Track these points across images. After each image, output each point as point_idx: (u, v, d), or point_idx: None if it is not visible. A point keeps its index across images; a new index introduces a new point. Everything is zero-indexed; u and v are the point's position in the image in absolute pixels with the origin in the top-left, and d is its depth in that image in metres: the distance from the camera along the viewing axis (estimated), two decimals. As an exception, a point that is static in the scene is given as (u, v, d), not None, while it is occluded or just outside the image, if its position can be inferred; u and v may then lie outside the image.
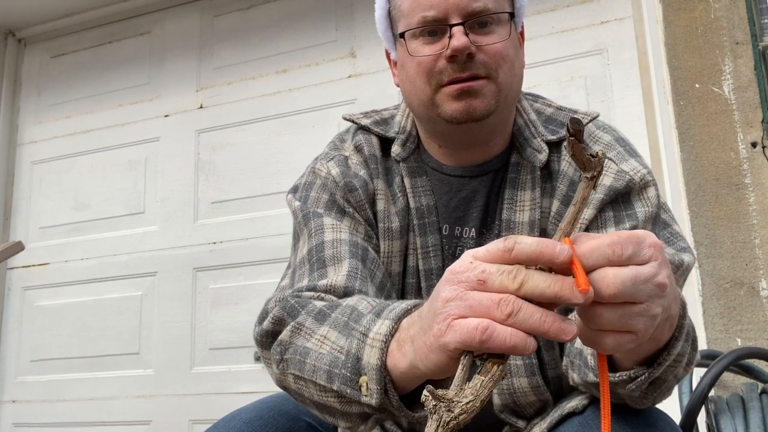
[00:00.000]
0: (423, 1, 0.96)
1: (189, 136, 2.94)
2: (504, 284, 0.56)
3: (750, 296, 2.01)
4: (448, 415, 0.56)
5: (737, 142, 2.10)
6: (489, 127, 0.99)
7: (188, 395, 2.71)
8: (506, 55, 0.96)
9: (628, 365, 0.75)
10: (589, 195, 0.62)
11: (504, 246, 0.57)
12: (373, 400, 0.70)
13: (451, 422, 0.56)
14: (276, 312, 0.87)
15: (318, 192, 1.03)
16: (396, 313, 0.72)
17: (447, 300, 0.59)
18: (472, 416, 0.56)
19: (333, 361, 0.75)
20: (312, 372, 0.77)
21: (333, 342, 0.77)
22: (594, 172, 0.61)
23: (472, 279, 0.57)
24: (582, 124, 0.58)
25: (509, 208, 1.00)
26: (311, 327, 0.81)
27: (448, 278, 0.59)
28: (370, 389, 0.70)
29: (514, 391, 0.99)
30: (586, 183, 0.61)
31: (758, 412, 1.60)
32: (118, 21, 3.17)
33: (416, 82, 0.98)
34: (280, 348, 0.84)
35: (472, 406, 0.56)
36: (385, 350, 0.69)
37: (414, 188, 1.03)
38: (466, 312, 0.57)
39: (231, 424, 0.94)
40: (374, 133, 1.07)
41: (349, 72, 2.75)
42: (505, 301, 0.56)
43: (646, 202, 0.95)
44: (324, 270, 0.92)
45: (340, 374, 0.73)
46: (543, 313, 0.56)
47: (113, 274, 2.92)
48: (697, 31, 2.21)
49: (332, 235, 0.97)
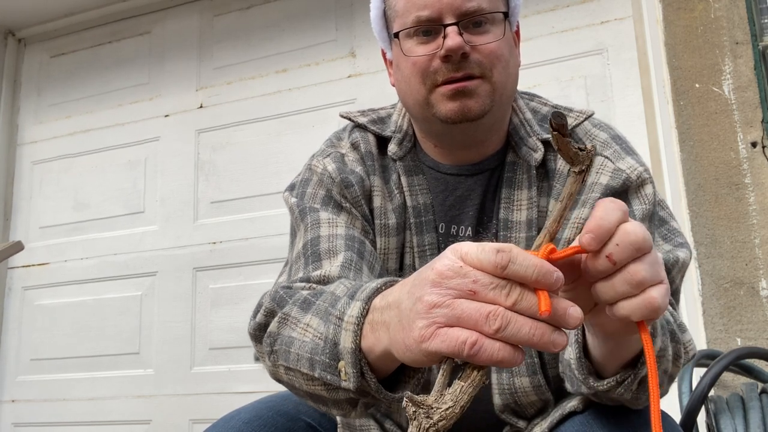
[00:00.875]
0: (417, 1, 0.96)
1: (189, 135, 2.93)
2: (496, 300, 0.54)
3: (750, 296, 2.01)
4: (427, 421, 0.55)
5: (737, 141, 2.10)
6: (484, 126, 0.99)
7: (188, 395, 2.71)
8: (501, 55, 0.96)
9: (613, 370, 0.76)
10: (577, 191, 0.59)
11: (497, 262, 0.54)
12: (351, 384, 0.69)
13: (431, 429, 0.55)
14: (267, 304, 0.86)
15: (314, 188, 1.03)
16: (366, 294, 0.70)
17: (433, 305, 0.55)
18: (452, 423, 0.55)
19: (314, 348, 0.74)
20: (296, 361, 0.77)
21: (314, 329, 0.76)
22: (582, 167, 0.59)
23: (463, 288, 0.55)
24: (565, 117, 0.57)
25: (506, 207, 1.00)
26: (296, 316, 0.80)
27: (434, 280, 0.56)
28: (347, 373, 0.69)
29: (515, 391, 0.99)
30: (574, 178, 0.59)
31: (758, 411, 1.60)
32: (118, 21, 3.17)
33: (411, 82, 0.98)
34: (269, 340, 0.83)
35: (451, 412, 0.55)
36: (358, 333, 0.68)
37: (411, 186, 1.03)
38: (453, 322, 0.55)
39: (230, 424, 0.94)
40: (371, 132, 1.07)
41: (349, 72, 2.75)
42: (494, 315, 0.53)
43: (644, 199, 0.95)
44: (319, 263, 0.92)
45: (320, 360, 0.73)
46: (532, 326, 0.54)
47: (113, 274, 2.92)
48: (697, 31, 2.21)
49: (328, 229, 0.97)
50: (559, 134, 0.57)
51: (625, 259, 0.57)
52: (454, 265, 0.56)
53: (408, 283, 0.62)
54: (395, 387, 0.72)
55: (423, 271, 0.59)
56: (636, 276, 0.57)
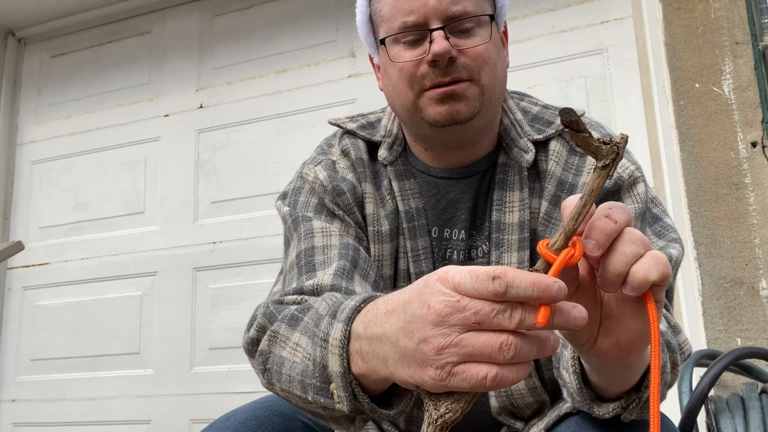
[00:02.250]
0: (402, 6, 0.95)
1: (189, 135, 2.93)
2: (501, 325, 0.54)
3: (750, 296, 2.01)
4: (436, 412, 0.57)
5: (737, 141, 2.10)
6: (474, 129, 0.98)
7: (188, 395, 2.71)
8: (488, 58, 0.95)
9: (615, 393, 0.76)
10: (600, 186, 0.56)
11: (496, 290, 0.53)
12: (345, 407, 0.69)
13: (439, 419, 0.57)
14: (259, 319, 0.86)
15: (307, 196, 1.02)
16: (346, 314, 0.69)
17: (441, 347, 0.55)
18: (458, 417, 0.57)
19: (304, 370, 0.74)
20: (288, 383, 0.77)
21: (304, 349, 0.76)
22: (606, 161, 0.55)
23: (467, 322, 0.54)
24: (575, 112, 0.55)
25: (498, 209, 1.00)
26: (285, 334, 0.80)
27: (434, 320, 0.55)
28: (339, 396, 0.69)
29: (511, 393, 0.98)
30: (597, 173, 0.55)
31: (758, 411, 1.59)
32: (118, 21, 3.17)
33: (399, 87, 0.97)
34: (261, 358, 0.83)
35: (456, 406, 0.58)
36: (345, 356, 0.68)
37: (402, 191, 1.03)
38: (467, 359, 0.55)
39: (227, 424, 0.94)
40: (360, 137, 1.06)
41: (349, 72, 2.74)
42: (506, 345, 0.54)
43: (636, 198, 0.95)
44: (313, 272, 0.92)
45: (311, 384, 0.73)
46: (537, 344, 0.55)
47: (113, 274, 2.92)
48: (697, 30, 2.21)
49: (322, 238, 0.96)
50: (572, 131, 0.55)
51: (623, 220, 0.58)
52: (451, 300, 0.54)
53: (395, 313, 0.61)
54: (389, 400, 0.72)
55: (411, 303, 0.58)
56: (635, 233, 0.58)
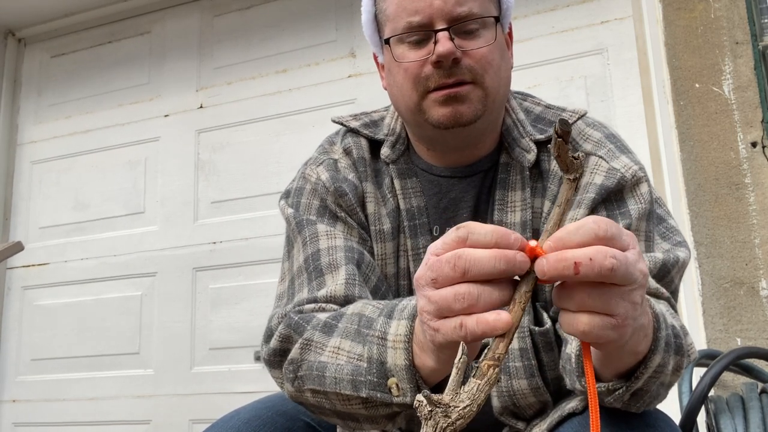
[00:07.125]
0: (408, 6, 0.95)
1: (189, 136, 2.93)
2: (449, 275, 0.59)
3: (750, 296, 2.01)
4: (445, 420, 0.55)
5: (737, 141, 2.10)
6: (477, 130, 0.98)
7: (188, 395, 2.71)
8: (492, 60, 0.95)
9: (608, 377, 0.75)
10: (572, 196, 0.63)
11: (457, 236, 0.59)
12: (408, 399, 0.73)
13: (448, 428, 0.55)
14: (282, 330, 0.87)
15: (309, 198, 1.03)
16: (409, 311, 0.75)
17: (422, 309, 0.63)
18: (469, 421, 0.55)
19: (355, 369, 0.77)
20: (334, 384, 0.79)
21: (348, 351, 0.78)
22: (576, 174, 0.61)
23: (428, 282, 0.60)
24: (570, 125, 0.59)
25: (500, 209, 1.00)
26: (320, 341, 0.82)
27: (415, 286, 0.63)
28: (402, 389, 0.73)
29: (513, 393, 0.98)
30: (568, 185, 0.62)
31: (758, 411, 1.60)
32: (118, 21, 3.17)
33: (403, 87, 0.97)
34: (292, 366, 0.85)
35: (469, 410, 0.55)
36: (409, 350, 0.72)
37: (404, 190, 1.03)
38: (437, 314, 0.61)
39: (229, 424, 0.94)
40: (363, 136, 1.06)
41: (349, 72, 2.74)
42: (459, 295, 0.58)
43: (639, 198, 0.94)
44: (322, 279, 0.92)
45: (366, 381, 0.76)
46: (498, 291, 0.59)
47: (113, 274, 2.92)
48: (697, 30, 2.21)
49: (327, 242, 0.96)
50: (562, 141, 0.59)
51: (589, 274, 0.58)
52: (424, 266, 0.62)
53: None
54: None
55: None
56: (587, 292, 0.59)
